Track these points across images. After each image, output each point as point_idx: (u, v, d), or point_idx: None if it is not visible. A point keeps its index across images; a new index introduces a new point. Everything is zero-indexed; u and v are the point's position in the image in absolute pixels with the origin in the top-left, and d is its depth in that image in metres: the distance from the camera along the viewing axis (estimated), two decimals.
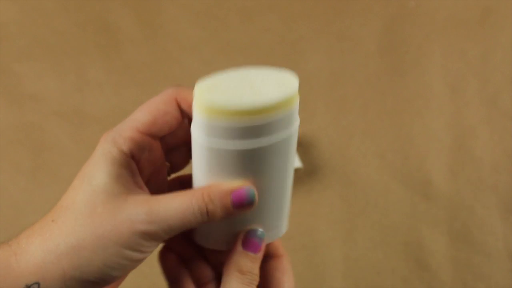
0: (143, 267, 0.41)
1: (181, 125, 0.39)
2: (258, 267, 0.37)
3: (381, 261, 0.83)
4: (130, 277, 0.40)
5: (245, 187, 0.35)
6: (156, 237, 0.34)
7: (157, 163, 0.39)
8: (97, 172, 0.35)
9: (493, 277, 0.83)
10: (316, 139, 0.89)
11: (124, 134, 0.36)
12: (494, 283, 0.83)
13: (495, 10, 0.97)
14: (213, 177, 0.35)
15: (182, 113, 0.37)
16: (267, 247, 0.40)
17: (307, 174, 0.87)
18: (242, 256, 0.37)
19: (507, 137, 0.90)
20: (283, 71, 0.35)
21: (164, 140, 0.39)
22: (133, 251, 0.34)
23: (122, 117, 0.38)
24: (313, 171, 0.87)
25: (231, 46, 0.94)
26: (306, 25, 0.96)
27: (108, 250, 0.33)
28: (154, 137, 0.37)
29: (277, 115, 0.33)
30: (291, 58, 0.94)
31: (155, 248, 0.35)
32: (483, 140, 0.90)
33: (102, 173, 0.34)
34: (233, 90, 0.34)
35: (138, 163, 0.37)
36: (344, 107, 0.92)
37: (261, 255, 0.38)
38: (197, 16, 0.96)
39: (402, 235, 0.85)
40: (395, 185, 0.87)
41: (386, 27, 0.96)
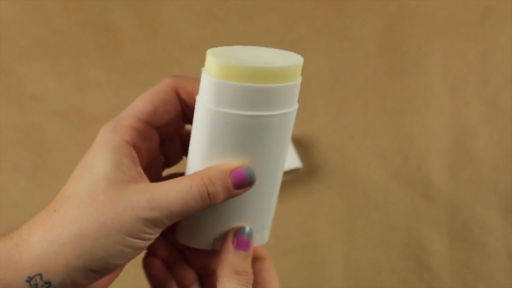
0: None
1: (178, 116, 0.39)
2: (250, 265, 0.37)
3: (381, 261, 0.83)
4: (130, 277, 0.40)
5: (244, 166, 0.34)
6: (158, 224, 0.34)
7: (154, 154, 0.39)
8: (98, 160, 0.34)
9: (493, 277, 0.83)
10: (316, 139, 0.89)
11: (125, 123, 0.36)
12: (494, 283, 0.83)
13: (495, 10, 0.97)
14: (213, 154, 0.35)
15: (181, 102, 0.37)
16: None
17: (307, 174, 0.87)
18: (235, 255, 0.36)
19: (507, 137, 0.90)
20: (287, 51, 0.36)
21: (159, 131, 0.39)
22: (135, 238, 0.33)
23: None
24: (313, 171, 0.87)
25: (231, 46, 0.94)
26: (306, 25, 0.96)
27: (111, 238, 0.33)
28: (154, 126, 0.37)
29: (285, 83, 0.34)
30: None
31: (157, 235, 0.35)
32: (483, 140, 0.90)
33: (103, 161, 0.34)
34: (245, 56, 0.34)
35: (138, 152, 0.36)
36: (344, 107, 0.92)
37: (251, 252, 0.37)
38: (197, 16, 0.96)
39: (402, 235, 0.85)
40: (395, 185, 0.87)
41: (386, 27, 0.96)
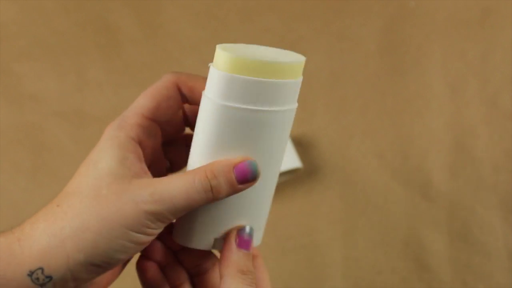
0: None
1: (179, 115, 0.39)
2: (252, 265, 0.37)
3: (381, 261, 0.83)
4: (130, 277, 0.40)
5: (247, 160, 0.34)
6: (161, 218, 0.34)
7: (158, 152, 0.39)
8: (102, 156, 0.34)
9: (493, 277, 0.83)
10: (316, 139, 0.89)
11: (130, 120, 0.36)
12: (494, 283, 0.83)
13: (495, 10, 0.97)
14: (217, 149, 0.35)
15: (182, 97, 0.38)
16: None
17: (307, 174, 0.87)
18: (239, 255, 0.36)
19: (507, 137, 0.90)
20: (287, 50, 0.37)
21: (162, 131, 0.39)
22: (138, 233, 0.33)
23: None
24: (313, 171, 0.87)
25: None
26: (306, 25, 0.96)
27: (113, 232, 0.33)
28: (158, 122, 0.38)
29: (292, 79, 0.35)
30: None
31: (160, 231, 0.35)
32: (483, 140, 0.90)
33: (107, 157, 0.34)
34: (252, 52, 0.35)
35: (144, 149, 0.37)
36: (344, 107, 0.92)
37: (252, 252, 0.37)
38: (197, 16, 0.96)
39: (402, 235, 0.85)
40: (395, 185, 0.87)
41: (386, 27, 0.96)
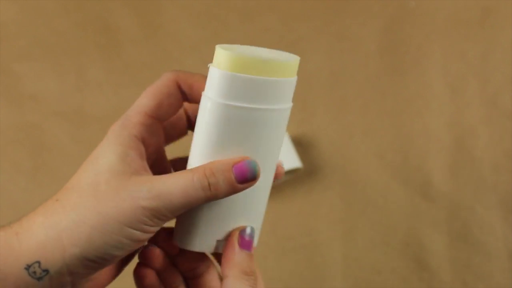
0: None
1: (182, 118, 0.39)
2: (254, 266, 0.37)
3: (381, 261, 0.83)
4: (130, 277, 0.40)
5: (247, 160, 0.35)
6: (158, 215, 0.33)
7: (161, 150, 0.39)
8: (104, 152, 0.35)
9: (493, 277, 0.83)
10: (316, 139, 0.89)
11: (133, 119, 0.37)
12: (494, 283, 0.83)
13: (495, 10, 0.97)
14: (217, 149, 0.35)
15: (182, 95, 0.38)
16: None
17: (307, 174, 0.87)
18: (242, 256, 0.36)
19: (507, 137, 0.90)
20: (281, 50, 0.38)
21: (165, 133, 0.39)
22: (134, 229, 0.33)
23: None
24: (313, 171, 0.87)
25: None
26: (306, 25, 0.96)
27: (109, 227, 0.33)
28: (160, 120, 0.38)
29: (290, 78, 0.35)
30: None
31: (157, 229, 0.35)
32: (483, 140, 0.90)
33: (108, 153, 0.35)
34: (251, 51, 0.35)
35: (147, 148, 0.37)
36: (344, 107, 0.92)
37: (253, 253, 0.37)
38: (197, 16, 0.96)
39: (402, 235, 0.85)
40: (395, 185, 0.87)
41: (386, 27, 0.96)
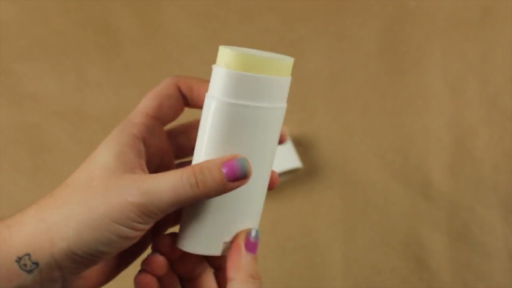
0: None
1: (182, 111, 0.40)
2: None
3: (381, 261, 0.83)
4: (130, 277, 0.40)
5: (236, 158, 0.35)
6: (146, 212, 0.33)
7: (165, 153, 0.40)
8: (101, 151, 0.35)
9: (493, 277, 0.83)
10: (316, 139, 0.89)
11: (134, 120, 0.37)
12: (494, 283, 0.83)
13: (495, 10, 0.97)
14: (217, 148, 0.35)
15: (183, 98, 0.39)
16: None
17: (307, 174, 0.87)
18: (248, 259, 0.36)
19: (507, 137, 0.90)
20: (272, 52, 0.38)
21: (175, 143, 0.40)
22: (123, 226, 0.33)
23: (122, 117, 0.38)
24: (313, 171, 0.87)
25: (231, 46, 0.94)
26: (306, 25, 0.96)
27: (97, 222, 0.33)
28: (162, 121, 0.39)
29: (289, 77, 0.36)
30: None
31: (147, 227, 0.34)
32: (483, 140, 0.90)
33: (105, 151, 0.35)
34: (254, 52, 0.36)
35: (149, 147, 0.37)
36: (344, 107, 0.92)
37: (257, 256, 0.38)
38: (197, 16, 0.96)
39: (402, 235, 0.85)
40: (395, 185, 0.87)
41: (386, 27, 0.96)
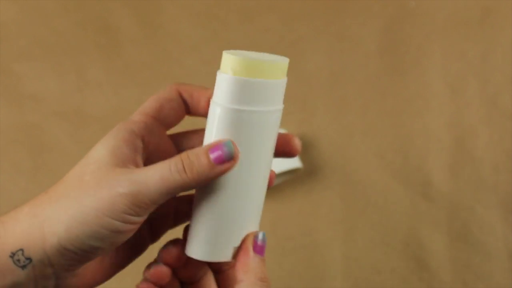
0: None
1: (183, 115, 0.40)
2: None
3: (381, 261, 0.83)
4: (130, 277, 0.40)
5: (222, 141, 0.35)
6: (137, 202, 0.33)
7: (166, 155, 0.39)
8: (98, 147, 0.36)
9: (493, 277, 0.83)
10: (316, 139, 0.89)
11: (134, 118, 0.38)
12: (494, 283, 0.83)
13: (495, 10, 0.97)
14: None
15: (185, 104, 0.39)
16: None
17: (307, 174, 0.87)
18: (257, 261, 0.36)
19: (507, 137, 0.90)
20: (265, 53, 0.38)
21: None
22: (114, 219, 0.33)
23: (122, 117, 0.38)
24: (313, 171, 0.87)
25: (231, 46, 0.94)
26: (306, 25, 0.96)
27: (88, 217, 0.33)
28: (162, 122, 0.39)
29: (285, 78, 0.36)
30: (291, 58, 0.94)
31: (139, 219, 0.34)
32: (483, 140, 0.90)
33: (100, 147, 0.35)
34: (256, 56, 0.36)
35: (147, 145, 0.37)
36: (344, 107, 0.92)
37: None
38: (197, 16, 0.96)
39: (402, 235, 0.85)
40: (395, 185, 0.87)
41: (386, 27, 0.96)
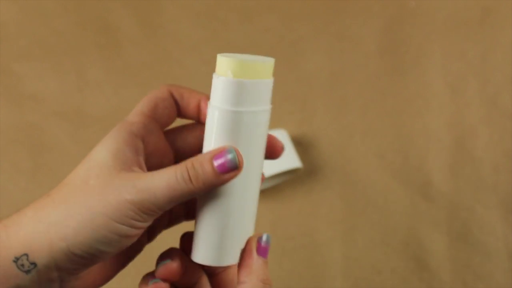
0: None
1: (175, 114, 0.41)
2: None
3: (381, 261, 0.83)
4: (130, 277, 0.40)
5: (225, 149, 0.35)
6: (144, 209, 0.34)
7: (164, 154, 0.40)
8: (99, 149, 0.36)
9: (493, 277, 0.83)
10: (316, 139, 0.89)
11: (131, 119, 0.38)
12: (494, 283, 0.83)
13: (495, 10, 0.97)
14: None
15: (176, 104, 0.40)
16: None
17: (307, 174, 0.87)
18: (260, 263, 0.37)
19: (507, 137, 0.90)
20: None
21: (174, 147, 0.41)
22: (122, 224, 0.33)
23: (122, 117, 0.38)
24: (313, 171, 0.87)
25: (231, 46, 0.94)
26: (306, 25, 0.96)
27: (96, 221, 0.33)
28: (158, 122, 0.39)
29: (273, 79, 0.37)
30: (291, 58, 0.94)
31: (147, 225, 0.35)
32: (483, 140, 0.90)
33: (102, 149, 0.35)
34: (248, 57, 0.36)
35: (147, 145, 0.38)
36: (344, 107, 0.92)
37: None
38: (197, 16, 0.96)
39: (402, 235, 0.85)
40: (395, 185, 0.87)
41: (386, 27, 0.96)
